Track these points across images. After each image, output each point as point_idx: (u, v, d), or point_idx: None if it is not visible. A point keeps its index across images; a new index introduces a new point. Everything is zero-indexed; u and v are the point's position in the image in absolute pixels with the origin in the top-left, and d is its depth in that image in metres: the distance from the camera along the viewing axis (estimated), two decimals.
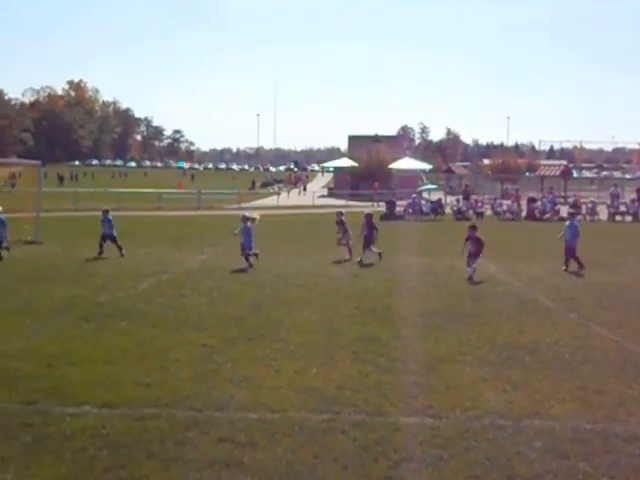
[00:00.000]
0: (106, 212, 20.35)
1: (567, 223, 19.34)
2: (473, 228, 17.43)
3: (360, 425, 6.61)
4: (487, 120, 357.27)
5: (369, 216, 20.33)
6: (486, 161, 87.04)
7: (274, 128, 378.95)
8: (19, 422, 6.51)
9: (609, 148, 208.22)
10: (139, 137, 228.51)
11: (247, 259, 17.97)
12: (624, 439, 6.39)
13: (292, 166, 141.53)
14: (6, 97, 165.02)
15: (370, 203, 50.13)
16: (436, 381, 8.17)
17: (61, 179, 74.98)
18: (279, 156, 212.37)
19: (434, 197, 48.97)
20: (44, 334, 10.14)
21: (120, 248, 19.67)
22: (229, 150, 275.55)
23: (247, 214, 19.30)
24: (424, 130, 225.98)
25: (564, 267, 18.08)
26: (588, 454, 6.04)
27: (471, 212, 41.76)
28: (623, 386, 8.07)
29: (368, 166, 64.98)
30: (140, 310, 12.11)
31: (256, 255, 18.27)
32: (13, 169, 26.24)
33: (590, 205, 42.89)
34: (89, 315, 11.54)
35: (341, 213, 20.91)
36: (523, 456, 6.01)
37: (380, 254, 19.12)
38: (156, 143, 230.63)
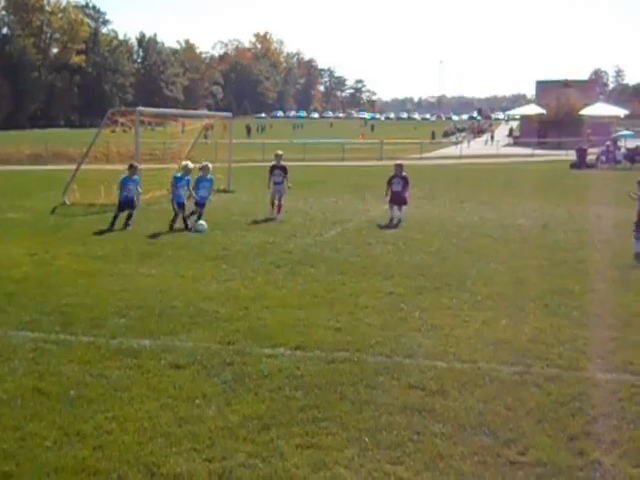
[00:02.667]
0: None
1: None
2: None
3: (554, 379, 6.41)
4: None
5: (400, 167, 17.63)
6: None
7: (457, 75, 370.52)
8: (219, 361, 6.86)
9: None
10: (322, 88, 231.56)
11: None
12: None
13: (475, 114, 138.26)
14: (197, 51, 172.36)
15: (559, 151, 48.11)
16: (636, 337, 7.76)
17: (249, 130, 77.62)
18: (462, 104, 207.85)
19: (631, 145, 46.09)
20: (239, 278, 10.60)
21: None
22: (411, 99, 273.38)
23: None
24: (619, 73, 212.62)
25: None
26: None
27: None
28: None
29: (557, 113, 62.27)
30: (328, 257, 12.38)
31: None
32: (205, 121, 27.43)
33: None
34: (280, 261, 11.94)
35: None
36: None
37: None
38: (338, 94, 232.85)
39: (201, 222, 15.56)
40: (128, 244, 13.40)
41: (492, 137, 68.84)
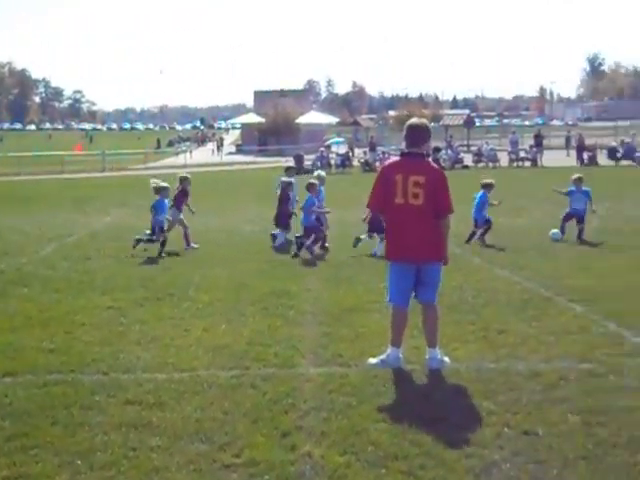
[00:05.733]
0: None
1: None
2: None
3: (270, 379, 6.61)
4: (392, 71, 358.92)
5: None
6: (392, 112, 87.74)
7: (178, 84, 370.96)
8: None
9: (509, 96, 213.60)
10: (37, 99, 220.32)
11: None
12: (525, 376, 6.60)
13: (198, 124, 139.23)
14: None
15: (279, 158, 49.93)
16: (345, 330, 8.24)
17: None
18: (185, 113, 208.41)
19: (342, 150, 49.14)
20: None
21: None
22: (133, 109, 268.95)
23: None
24: (330, 83, 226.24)
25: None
26: (492, 392, 6.22)
27: (378, 164, 42.09)
28: (524, 325, 8.34)
29: (275, 121, 64.65)
30: (43, 275, 11.75)
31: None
32: None
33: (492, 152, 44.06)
34: None
35: None
36: (431, 397, 6.15)
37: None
38: (56, 104, 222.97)
39: None
40: None
41: (220, 146, 68.76)
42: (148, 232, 14.06)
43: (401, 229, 6.96)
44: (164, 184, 14.50)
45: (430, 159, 7.28)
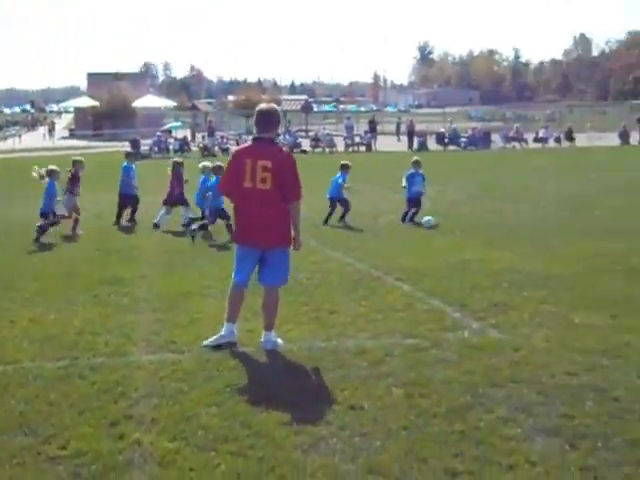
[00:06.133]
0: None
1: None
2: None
3: (100, 368, 6.46)
4: (232, 56, 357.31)
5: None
6: (230, 97, 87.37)
7: (4, 66, 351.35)
8: None
9: (346, 82, 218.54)
10: None
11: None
12: (353, 353, 6.84)
13: (28, 107, 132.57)
14: None
15: (115, 143, 48.53)
16: (180, 316, 8.19)
17: None
18: (13, 97, 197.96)
19: (180, 135, 48.48)
20: None
21: None
22: None
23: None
24: (167, 67, 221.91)
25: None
26: (322, 370, 6.39)
27: (217, 148, 41.93)
28: (354, 305, 8.61)
29: (110, 105, 62.64)
30: None
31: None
32: None
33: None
34: None
35: None
36: (263, 378, 6.23)
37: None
38: None
39: None
40: None
41: (51, 130, 65.52)
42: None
43: (248, 213, 7.00)
44: (53, 167, 14.63)
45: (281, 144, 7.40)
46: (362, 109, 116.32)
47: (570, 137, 48.21)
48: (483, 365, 6.46)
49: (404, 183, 16.02)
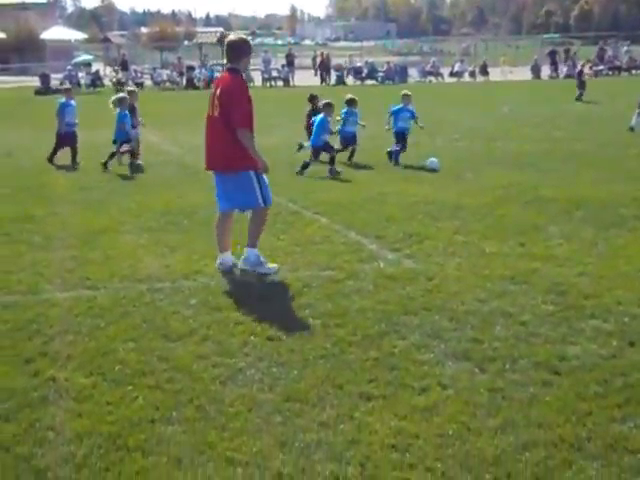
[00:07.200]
0: None
1: None
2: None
3: (12, 306, 6.35)
4: None
5: None
6: (144, 29, 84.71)
7: None
8: None
9: (262, 15, 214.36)
10: None
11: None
12: (272, 286, 6.92)
13: None
14: None
15: (24, 77, 46.70)
16: (94, 253, 8.07)
17: None
18: None
19: (93, 69, 46.89)
20: None
21: None
22: None
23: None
24: None
25: None
26: (240, 303, 6.43)
27: (131, 82, 40.77)
28: (273, 239, 8.55)
29: (17, 37, 60.01)
30: None
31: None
32: None
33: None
34: None
35: None
36: (179, 314, 6.22)
37: None
38: None
39: None
40: None
41: None
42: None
43: (205, 140, 7.39)
44: (120, 95, 14.73)
45: (243, 75, 7.48)
46: (279, 42, 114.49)
47: (484, 71, 48.83)
48: (397, 294, 6.63)
49: (388, 122, 15.11)
